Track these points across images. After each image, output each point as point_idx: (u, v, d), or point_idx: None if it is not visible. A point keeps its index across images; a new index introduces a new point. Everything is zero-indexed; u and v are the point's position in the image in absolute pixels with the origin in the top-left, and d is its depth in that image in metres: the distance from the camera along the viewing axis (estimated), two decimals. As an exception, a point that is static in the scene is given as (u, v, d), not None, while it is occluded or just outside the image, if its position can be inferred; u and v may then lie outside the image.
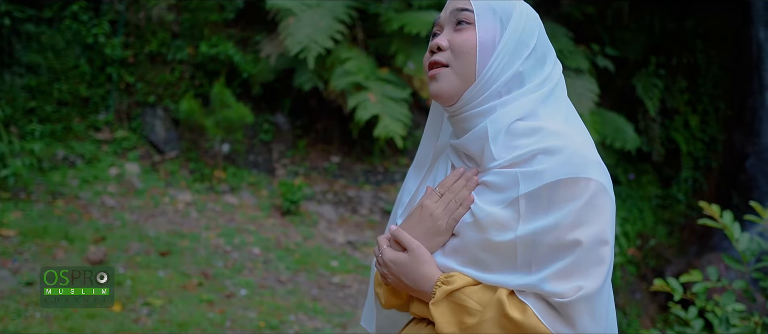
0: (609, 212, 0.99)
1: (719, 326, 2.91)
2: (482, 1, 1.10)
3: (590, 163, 1.00)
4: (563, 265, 0.95)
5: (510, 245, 1.00)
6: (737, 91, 7.98)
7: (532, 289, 0.97)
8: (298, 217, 6.51)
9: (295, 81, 7.02)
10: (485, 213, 1.04)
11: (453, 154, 1.18)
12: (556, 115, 1.10)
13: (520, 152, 1.04)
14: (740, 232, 2.89)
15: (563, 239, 0.96)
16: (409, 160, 7.71)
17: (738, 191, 7.53)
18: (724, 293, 2.94)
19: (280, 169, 7.40)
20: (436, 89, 1.11)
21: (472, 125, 1.10)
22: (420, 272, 1.07)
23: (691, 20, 8.22)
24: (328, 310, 4.35)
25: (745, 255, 2.82)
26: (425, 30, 6.56)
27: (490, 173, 1.07)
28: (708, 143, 8.00)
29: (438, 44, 1.11)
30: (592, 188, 0.98)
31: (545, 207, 0.98)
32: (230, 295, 4.28)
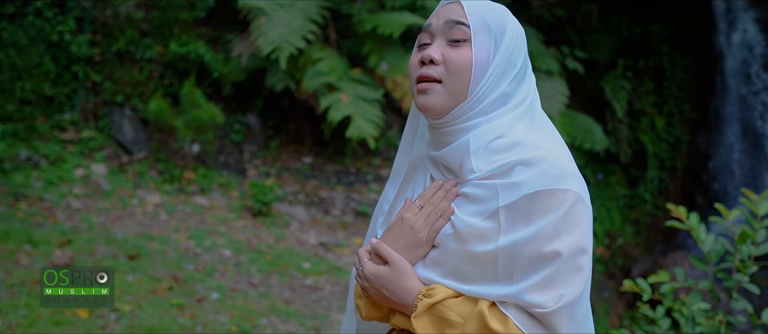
0: (586, 222, 1.01)
1: (685, 325, 2.97)
2: (476, 15, 1.09)
3: (568, 174, 1.01)
4: (543, 275, 0.96)
5: (491, 255, 1.00)
6: (701, 94, 8.19)
7: (513, 299, 0.98)
8: (270, 218, 6.45)
9: (267, 81, 6.95)
10: (466, 224, 1.04)
11: (432, 166, 1.17)
12: (533, 127, 1.11)
13: (498, 164, 1.05)
14: (706, 233, 2.97)
15: (543, 250, 0.97)
16: (381, 160, 7.72)
17: (702, 191, 7.73)
18: (691, 293, 3.01)
19: (252, 170, 7.33)
20: (427, 103, 1.09)
21: (455, 139, 1.10)
22: (401, 285, 1.07)
23: (657, 24, 8.40)
24: (301, 313, 4.32)
25: (710, 256, 2.90)
26: (398, 31, 6.57)
27: (470, 184, 1.07)
28: (673, 144, 8.19)
29: (431, 57, 1.08)
30: (569, 199, 0.99)
31: (525, 218, 0.99)
32: (201, 299, 4.22)
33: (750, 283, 2.79)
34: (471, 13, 1.09)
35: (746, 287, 2.77)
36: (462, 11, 1.09)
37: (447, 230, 1.08)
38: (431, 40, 1.12)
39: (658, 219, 7.77)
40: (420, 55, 1.11)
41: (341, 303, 4.71)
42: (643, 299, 2.94)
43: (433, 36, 1.11)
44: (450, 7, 1.12)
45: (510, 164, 1.03)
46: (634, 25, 8.51)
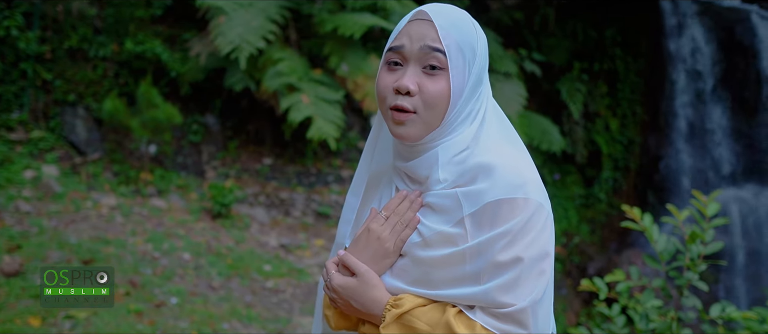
0: (547, 228, 1.04)
1: (639, 321, 3.09)
2: (451, 39, 1.07)
3: (528, 182, 1.04)
4: (508, 279, 1.00)
5: (458, 256, 1.03)
6: (652, 97, 8.48)
7: (480, 301, 1.01)
8: (230, 220, 6.37)
9: (226, 81, 6.86)
10: (433, 232, 1.07)
11: (397, 177, 1.18)
12: (494, 137, 1.13)
13: (461, 173, 1.07)
14: (658, 234, 3.09)
15: (505, 257, 1.00)
16: (342, 161, 7.72)
17: (653, 190, 8.01)
18: (644, 291, 3.13)
19: (210, 171, 7.21)
20: (403, 134, 1.08)
21: (423, 152, 1.11)
22: (369, 296, 1.08)
23: (611, 29, 8.66)
24: (263, 316, 4.29)
25: (662, 255, 3.02)
26: (359, 32, 6.57)
27: (434, 195, 1.09)
28: (626, 145, 8.46)
29: (408, 89, 1.06)
30: (530, 207, 1.02)
31: (489, 224, 1.02)
32: (160, 304, 4.14)
33: (699, 281, 2.92)
34: (446, 38, 1.06)
35: (696, 285, 2.89)
36: (436, 35, 1.06)
37: (414, 239, 1.10)
38: (404, 62, 1.09)
39: (613, 218, 8.01)
40: (395, 83, 1.08)
41: (303, 306, 4.69)
42: (600, 298, 3.04)
43: (406, 60, 1.08)
44: (422, 29, 1.08)
45: (472, 173, 1.06)
46: (590, 30, 8.74)
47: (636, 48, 8.61)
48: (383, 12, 7.44)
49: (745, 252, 6.82)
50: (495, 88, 8.54)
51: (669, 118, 8.28)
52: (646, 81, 8.56)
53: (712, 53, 8.29)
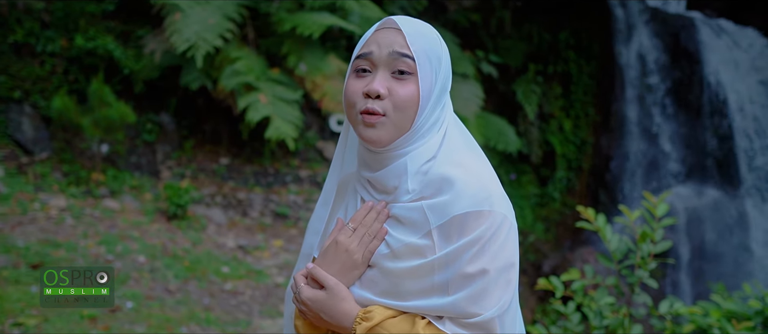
0: (511, 239, 1.08)
1: (594, 318, 3.20)
2: (418, 46, 1.10)
3: (493, 195, 1.07)
4: (475, 289, 1.03)
5: (427, 267, 1.06)
6: (604, 99, 8.76)
7: (449, 311, 1.04)
8: (186, 221, 6.26)
9: (182, 79, 6.73)
10: (401, 244, 1.09)
11: (361, 187, 1.19)
12: (459, 148, 1.15)
13: (426, 184, 1.10)
14: (612, 233, 3.22)
15: (472, 268, 1.03)
16: (300, 161, 7.68)
17: (605, 190, 8.28)
18: (598, 289, 3.25)
19: (165, 171, 7.07)
20: (374, 137, 1.10)
21: (391, 161, 1.12)
22: (339, 308, 1.10)
23: (565, 32, 8.89)
24: (222, 319, 4.24)
25: (615, 254, 3.14)
26: (318, 32, 6.55)
27: (401, 207, 1.11)
28: (579, 146, 8.71)
29: (378, 92, 1.08)
30: (495, 219, 1.05)
31: (457, 235, 1.05)
32: (115, 309, 4.05)
33: (650, 278, 3.05)
34: (414, 44, 1.09)
35: (646, 282, 3.02)
36: (404, 41, 1.09)
37: (382, 251, 1.11)
38: (372, 68, 1.11)
39: (566, 217, 8.23)
40: (364, 87, 1.10)
41: (263, 308, 4.66)
42: (557, 296, 3.13)
43: (375, 65, 1.11)
44: (390, 36, 1.11)
45: (437, 185, 1.08)
46: (544, 33, 8.95)
47: (588, 51, 8.87)
48: (342, 12, 7.43)
49: (689, 249, 7.13)
50: (453, 89, 8.62)
51: (619, 119, 8.57)
52: (598, 83, 8.83)
53: (659, 58, 8.62)
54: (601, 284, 3.28)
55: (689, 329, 3.35)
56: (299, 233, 6.74)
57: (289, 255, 6.15)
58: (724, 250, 7.20)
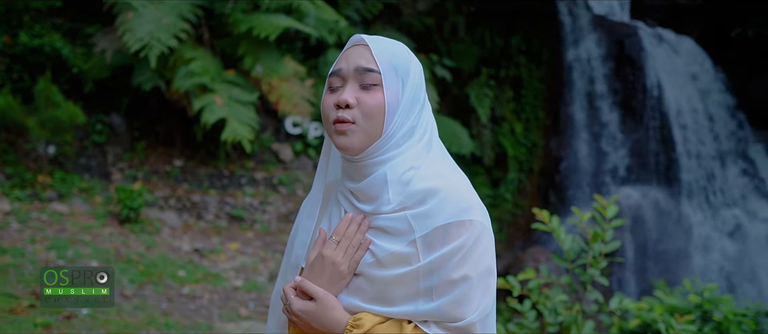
0: (490, 247, 1.17)
1: (548, 315, 3.38)
2: (384, 59, 1.17)
3: (473, 206, 1.16)
4: (457, 295, 1.11)
5: (412, 274, 1.13)
6: (553, 103, 9.09)
7: (434, 316, 1.12)
8: (139, 225, 6.15)
9: (134, 80, 6.60)
10: (387, 252, 1.16)
11: (343, 199, 1.25)
12: (438, 160, 1.23)
13: (409, 195, 1.17)
14: (565, 234, 3.39)
15: (455, 275, 1.12)
16: (255, 163, 7.65)
17: (554, 190, 8.59)
18: (553, 287, 3.42)
19: (116, 173, 6.92)
20: (345, 144, 1.17)
21: (372, 171, 1.19)
22: (329, 317, 1.16)
23: (516, 38, 9.18)
24: (182, 324, 4.22)
25: (568, 253, 3.32)
26: (275, 34, 6.56)
27: (386, 216, 1.18)
28: (530, 148, 9.00)
29: (346, 101, 1.16)
30: (476, 229, 1.14)
31: (440, 244, 1.13)
32: (70, 316, 3.97)
33: (601, 276, 3.24)
34: (379, 57, 1.17)
35: (598, 280, 3.21)
36: (371, 56, 1.17)
37: (368, 260, 1.18)
38: (343, 83, 1.19)
39: (518, 217, 8.50)
40: (335, 99, 1.18)
41: (222, 311, 4.65)
42: (514, 295, 3.30)
43: (345, 80, 1.19)
44: (358, 51, 1.19)
45: (420, 196, 1.16)
46: (496, 38, 9.21)
47: (538, 56, 9.18)
48: (297, 13, 7.45)
49: (634, 247, 7.50)
50: (408, 92, 8.74)
51: (568, 123, 8.91)
52: (548, 87, 9.15)
53: (604, 64, 9.01)
54: (555, 283, 3.46)
55: (635, 324, 3.58)
56: (255, 236, 6.72)
57: (246, 258, 6.14)
58: (666, 248, 7.60)
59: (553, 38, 9.22)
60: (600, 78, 8.94)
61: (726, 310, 3.66)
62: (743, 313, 3.69)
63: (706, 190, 8.14)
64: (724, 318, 3.56)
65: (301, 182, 7.73)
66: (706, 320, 3.66)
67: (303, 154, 8.06)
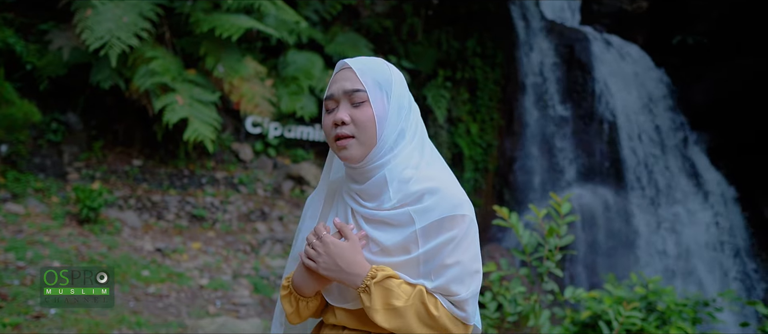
0: (476, 236, 1.41)
1: (508, 306, 3.68)
2: (368, 77, 1.39)
3: (463, 202, 1.40)
4: (452, 276, 1.35)
5: (413, 261, 1.37)
6: (507, 105, 9.49)
7: (435, 290, 1.36)
8: (99, 225, 6.17)
9: (93, 78, 6.59)
10: (391, 242, 1.39)
11: (349, 198, 1.47)
12: (431, 161, 1.47)
13: (409, 193, 1.40)
14: (523, 229, 3.70)
15: (449, 260, 1.35)
16: (216, 163, 7.73)
17: (509, 189, 8.98)
18: (513, 279, 3.73)
19: (73, 173, 6.88)
20: (347, 156, 1.39)
21: (373, 174, 1.41)
22: (356, 258, 1.37)
23: (472, 41, 9.53)
24: (152, 322, 4.32)
25: (526, 247, 3.63)
26: (237, 34, 6.66)
27: (388, 212, 1.40)
28: (485, 148, 9.36)
29: (342, 119, 1.38)
30: (466, 222, 1.38)
31: (436, 234, 1.36)
32: (39, 315, 4.02)
33: (556, 268, 3.57)
34: (363, 77, 1.39)
35: (553, 272, 3.54)
36: (356, 77, 1.39)
37: (373, 249, 1.40)
38: (336, 105, 1.41)
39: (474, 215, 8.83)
40: (332, 119, 1.40)
41: (191, 309, 4.76)
42: (477, 287, 3.58)
43: (338, 102, 1.41)
44: (344, 75, 1.41)
45: (419, 193, 1.39)
46: (453, 41, 9.54)
47: (493, 59, 9.56)
48: (258, 14, 7.57)
49: (585, 244, 7.95)
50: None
51: (521, 124, 9.32)
52: (503, 89, 9.54)
53: (556, 67, 9.47)
54: (515, 275, 3.77)
55: (586, 315, 3.94)
56: (217, 236, 6.82)
57: (209, 257, 6.24)
58: (614, 244, 8.09)
59: (507, 42, 9.62)
60: (552, 81, 9.39)
61: (668, 300, 4.06)
62: (684, 303, 4.09)
63: (651, 189, 8.69)
64: (667, 308, 3.97)
65: (262, 181, 7.85)
66: (651, 310, 4.04)
67: (263, 154, 8.18)
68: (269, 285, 6.10)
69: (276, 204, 7.62)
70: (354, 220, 1.46)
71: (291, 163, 8.27)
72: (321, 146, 8.64)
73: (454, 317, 1.37)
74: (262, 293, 5.82)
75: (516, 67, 9.54)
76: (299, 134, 8.39)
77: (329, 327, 1.50)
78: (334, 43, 8.75)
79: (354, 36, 9.11)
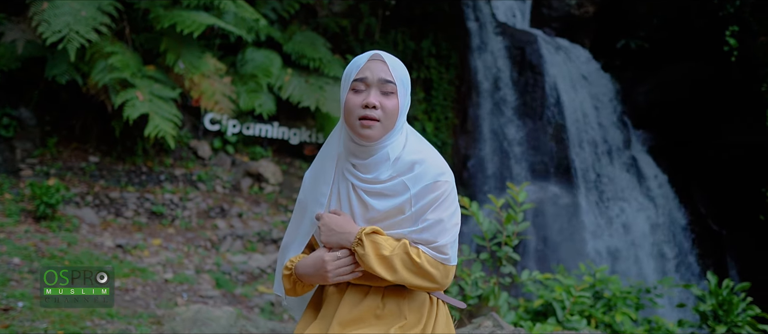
0: (456, 197, 1.73)
1: (469, 288, 4.00)
2: (397, 73, 1.69)
3: (446, 170, 1.71)
4: (437, 229, 1.65)
5: (408, 218, 1.67)
6: (461, 104, 9.89)
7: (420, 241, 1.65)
8: (56, 221, 6.18)
9: (48, 72, 6.58)
10: (390, 207, 1.68)
11: (348, 173, 1.75)
12: (415, 140, 1.78)
13: (402, 165, 1.70)
14: (483, 217, 4.04)
15: (435, 215, 1.65)
16: (174, 160, 7.81)
17: (463, 186, 9.37)
18: (473, 263, 4.06)
19: (27, 169, 6.84)
20: (370, 134, 1.66)
21: (377, 151, 1.71)
22: (348, 224, 1.69)
23: (427, 41, 9.89)
24: (122, 313, 4.44)
25: (486, 234, 3.96)
26: (199, 31, 6.79)
27: (385, 184, 1.69)
28: (440, 147, 9.72)
29: (373, 103, 1.65)
30: (449, 185, 1.69)
31: (424, 196, 1.66)
32: (7, 308, 4.09)
33: (514, 253, 3.92)
34: (394, 72, 1.68)
35: (511, 256, 3.88)
36: (388, 70, 1.68)
37: (374, 214, 1.68)
38: (366, 88, 1.67)
39: (431, 212, 9.17)
40: (362, 100, 1.67)
41: (158, 301, 4.89)
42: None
43: (369, 86, 1.67)
44: (378, 66, 1.68)
45: (410, 164, 1.69)
46: (409, 41, 9.88)
47: (448, 60, 9.96)
48: (216, 10, 7.70)
49: (536, 238, 8.41)
50: (326, 91, 9.13)
51: (475, 123, 9.74)
52: (457, 89, 9.95)
53: (507, 68, 9.94)
54: (476, 260, 4.10)
55: (538, 304, 4.31)
56: (176, 232, 6.91)
57: (170, 253, 6.34)
58: (564, 237, 8.59)
59: (461, 43, 10.03)
60: (504, 81, 9.86)
61: (614, 288, 4.50)
62: (628, 290, 4.53)
63: (597, 185, 9.25)
64: (613, 295, 4.41)
65: (221, 178, 7.97)
66: (598, 298, 4.46)
67: (221, 151, 8.29)
68: (231, 280, 6.25)
69: (235, 201, 7.75)
70: (355, 193, 1.73)
71: (249, 160, 8.41)
72: (279, 144, 8.81)
73: (436, 261, 1.66)
74: (224, 288, 5.97)
75: (469, 68, 9.96)
76: (257, 132, 8.53)
77: (334, 286, 1.77)
78: (292, 42, 8.94)
79: (312, 35, 9.31)
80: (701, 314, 4.52)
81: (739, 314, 4.40)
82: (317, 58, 8.78)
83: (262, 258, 6.93)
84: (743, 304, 4.39)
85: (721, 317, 4.44)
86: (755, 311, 4.35)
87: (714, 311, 4.48)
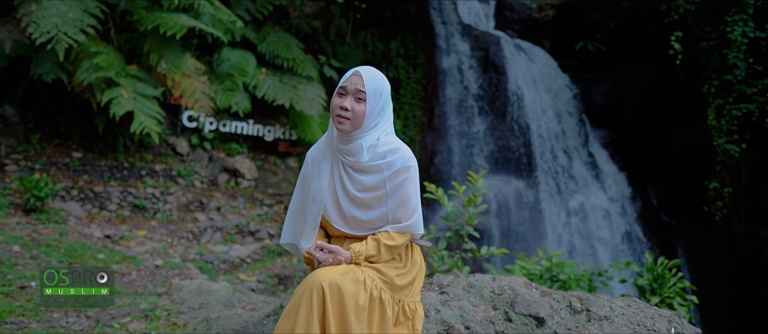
0: (418, 180, 2.44)
1: (436, 263, 4.78)
2: (371, 85, 2.33)
3: (412, 157, 2.38)
4: (405, 210, 2.33)
5: (383, 196, 2.35)
6: (428, 103, 10.71)
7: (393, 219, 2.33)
8: (45, 214, 6.72)
9: (34, 71, 7.11)
10: (370, 183, 2.35)
11: (340, 155, 2.40)
12: (390, 136, 2.46)
13: (378, 154, 2.37)
14: (448, 201, 4.82)
15: (403, 195, 2.33)
16: (154, 156, 8.39)
17: (430, 180, 10.17)
18: (439, 240, 4.83)
19: (11, 164, 7.36)
20: (343, 129, 2.23)
21: (353, 141, 2.36)
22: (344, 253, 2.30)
23: (395, 42, 10.67)
24: (125, 291, 5.07)
25: (451, 215, 4.75)
26: (181, 32, 7.41)
27: (364, 164, 2.35)
28: (409, 143, 10.52)
29: (345, 106, 2.21)
30: (414, 170, 2.37)
31: (395, 177, 2.35)
32: (23, 286, 4.68)
33: (474, 231, 4.71)
34: (367, 84, 2.31)
35: (472, 234, 4.68)
36: (363, 83, 2.27)
37: (359, 187, 2.35)
38: (346, 94, 2.26)
39: (400, 205, 9.94)
40: (340, 103, 2.28)
41: (154, 284, 5.52)
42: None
43: (347, 93, 2.25)
44: (356, 79, 2.24)
45: (384, 153, 2.37)
46: (378, 42, 10.65)
47: (415, 60, 10.76)
48: (194, 12, 8.33)
49: (499, 228, 9.27)
50: (300, 90, 9.79)
51: (441, 121, 10.57)
52: (424, 88, 10.76)
53: (472, 68, 10.79)
54: (442, 238, 4.88)
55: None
56: (159, 224, 7.52)
57: (155, 244, 6.95)
58: (525, 228, 9.48)
59: (428, 44, 10.85)
60: (469, 81, 10.71)
61: (569, 272, 5.31)
62: (582, 274, 5.34)
63: (557, 179, 10.17)
64: (568, 278, 5.20)
65: (199, 173, 8.59)
66: (555, 281, 5.25)
67: (199, 147, 8.91)
68: (214, 269, 6.90)
69: (213, 195, 8.39)
70: (345, 170, 2.42)
71: (226, 156, 9.05)
72: (254, 140, 9.46)
73: (405, 233, 2.34)
74: (208, 275, 6.62)
75: (436, 68, 10.78)
76: (234, 129, 9.18)
77: (334, 237, 2.50)
78: (266, 42, 9.60)
79: (285, 36, 9.99)
80: (639, 287, 5.37)
81: (671, 287, 5.27)
82: (291, 59, 9.46)
83: (242, 249, 7.59)
84: (675, 279, 5.26)
85: (656, 290, 5.30)
86: (684, 284, 5.21)
87: (650, 284, 5.34)
